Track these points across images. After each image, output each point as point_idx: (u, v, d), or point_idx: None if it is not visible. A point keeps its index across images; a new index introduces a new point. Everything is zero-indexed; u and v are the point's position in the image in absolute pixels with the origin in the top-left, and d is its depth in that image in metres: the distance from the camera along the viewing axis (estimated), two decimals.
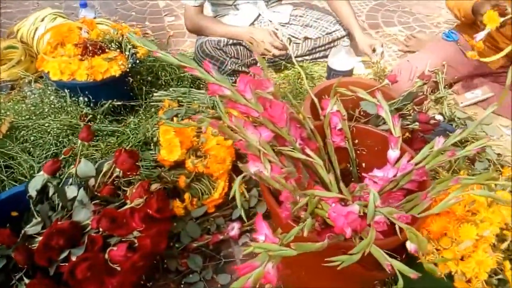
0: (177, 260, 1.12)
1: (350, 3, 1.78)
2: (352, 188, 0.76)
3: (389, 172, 0.96)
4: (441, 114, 1.64)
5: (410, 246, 0.61)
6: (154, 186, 0.92)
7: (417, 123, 1.20)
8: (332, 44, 1.84)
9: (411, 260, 0.95)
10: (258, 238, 0.63)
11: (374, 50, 1.69)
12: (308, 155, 0.92)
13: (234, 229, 1.20)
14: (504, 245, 0.90)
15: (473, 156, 1.44)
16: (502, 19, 1.44)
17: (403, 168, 0.94)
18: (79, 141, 0.99)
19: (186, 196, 1.18)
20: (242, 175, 0.83)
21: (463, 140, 1.49)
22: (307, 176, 0.99)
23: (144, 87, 1.50)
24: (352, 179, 1.11)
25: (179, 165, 1.21)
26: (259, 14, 1.84)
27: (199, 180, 1.20)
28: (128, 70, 1.40)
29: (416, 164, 0.94)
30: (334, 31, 1.84)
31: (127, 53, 1.42)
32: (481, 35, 1.46)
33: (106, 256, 0.85)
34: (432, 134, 1.28)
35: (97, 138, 1.34)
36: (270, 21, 1.86)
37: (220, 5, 1.82)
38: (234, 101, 0.87)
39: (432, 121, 1.22)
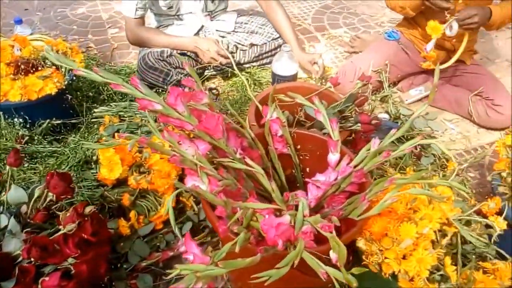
0: (125, 281, 1.08)
1: (288, 17, 1.79)
2: (286, 198, 0.75)
3: (331, 176, 0.96)
4: (387, 112, 1.67)
5: (332, 255, 0.60)
6: (89, 209, 0.88)
7: (359, 124, 1.22)
8: (278, 50, 1.84)
9: (358, 261, 0.96)
10: (188, 258, 0.61)
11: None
12: (248, 165, 0.91)
13: None
14: (444, 241, 0.92)
15: (419, 152, 1.48)
16: (444, 25, 1.50)
17: (343, 171, 0.94)
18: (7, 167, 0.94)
19: (132, 214, 1.14)
20: (177, 191, 0.80)
21: (408, 137, 1.52)
22: (251, 185, 0.98)
23: (85, 103, 1.44)
24: (298, 185, 1.11)
25: (122, 182, 1.17)
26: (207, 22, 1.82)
27: (144, 196, 1.17)
28: (65, 87, 1.34)
29: (355, 167, 0.94)
30: (279, 37, 1.84)
31: (63, 69, 1.37)
32: (429, 45, 1.51)
33: (39, 287, 0.81)
34: (378, 133, 1.29)
35: (36, 160, 1.28)
36: (217, 30, 1.85)
37: (163, 16, 1.79)
38: (166, 115, 0.85)
39: (373, 121, 1.24)
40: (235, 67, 1.22)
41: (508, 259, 0.95)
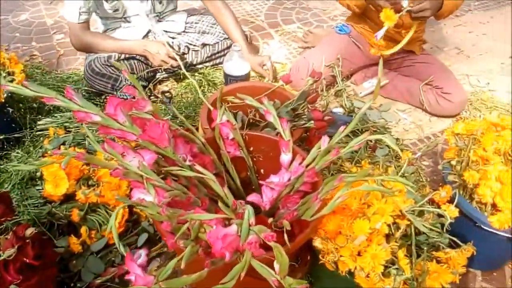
0: None
1: (236, 20, 1.77)
2: (234, 205, 0.73)
3: (284, 176, 0.95)
4: (341, 106, 1.68)
5: (276, 265, 0.59)
6: (29, 231, 0.83)
7: (312, 121, 1.21)
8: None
9: (316, 261, 0.96)
10: (130, 279, 0.58)
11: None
12: (198, 172, 0.88)
13: (141, 256, 1.12)
14: (398, 233, 0.92)
15: (374, 144, 1.49)
16: (398, 15, 1.50)
17: (295, 171, 0.93)
18: None
19: (83, 230, 1.09)
20: (121, 206, 0.77)
21: (363, 130, 1.54)
22: (204, 192, 0.95)
23: (28, 116, 1.37)
24: (253, 187, 1.09)
25: (70, 197, 1.11)
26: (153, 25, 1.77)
27: (94, 210, 1.12)
28: (4, 100, 1.27)
29: (307, 166, 0.93)
30: None
31: (1, 82, 1.29)
32: (380, 33, 1.51)
33: None
34: (333, 128, 1.29)
35: None
36: (166, 31, 1.80)
37: (109, 19, 1.72)
38: (107, 127, 0.81)
39: (326, 117, 1.24)
40: (184, 70, 1.18)
41: (461, 246, 0.97)
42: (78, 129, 1.27)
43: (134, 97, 0.89)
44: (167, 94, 1.69)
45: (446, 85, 1.65)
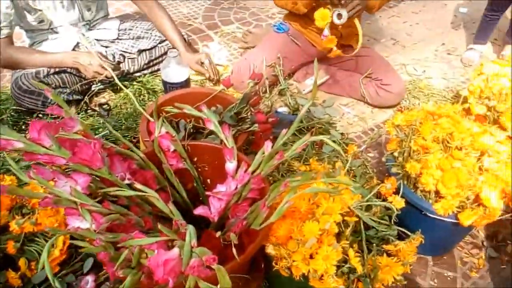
0: None
1: (171, 20, 1.71)
2: (175, 225, 0.69)
3: (231, 185, 0.92)
4: (286, 105, 1.68)
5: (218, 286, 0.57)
6: None
7: (256, 125, 1.19)
8: None
9: (271, 266, 0.94)
10: None
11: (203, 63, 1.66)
12: (139, 190, 0.84)
13: (88, 283, 1.06)
14: (348, 231, 0.92)
15: (320, 140, 1.50)
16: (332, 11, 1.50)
17: (241, 178, 0.91)
18: None
19: (21, 262, 1.01)
20: (56, 236, 0.71)
21: (309, 127, 1.54)
22: (148, 209, 0.91)
23: None
24: (201, 198, 1.06)
25: (3, 229, 1.03)
26: (82, 36, 1.67)
27: (32, 240, 1.04)
28: None
29: (253, 172, 0.91)
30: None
31: None
32: (326, 31, 1.51)
33: None
34: (279, 128, 1.28)
35: None
36: (98, 40, 1.71)
37: (35, 31, 1.61)
38: (31, 153, 0.75)
39: (270, 119, 1.22)
40: (117, 81, 1.12)
41: (410, 236, 0.99)
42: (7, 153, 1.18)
43: (61, 117, 0.83)
44: (104, 106, 1.62)
45: (385, 77, 1.69)
